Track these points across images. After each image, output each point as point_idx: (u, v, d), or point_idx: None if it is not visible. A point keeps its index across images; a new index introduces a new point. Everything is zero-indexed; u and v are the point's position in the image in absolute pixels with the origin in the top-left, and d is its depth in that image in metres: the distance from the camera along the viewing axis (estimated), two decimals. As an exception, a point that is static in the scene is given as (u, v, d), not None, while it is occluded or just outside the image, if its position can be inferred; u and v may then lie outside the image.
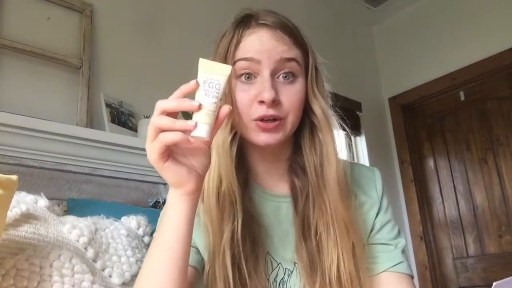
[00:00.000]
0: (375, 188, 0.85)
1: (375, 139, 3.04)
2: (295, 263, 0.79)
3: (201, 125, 0.58)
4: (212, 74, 0.59)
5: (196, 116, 0.58)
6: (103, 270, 0.99)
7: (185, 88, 0.60)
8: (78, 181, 1.55)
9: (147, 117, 1.79)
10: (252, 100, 0.73)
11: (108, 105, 1.75)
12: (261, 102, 0.72)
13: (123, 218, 1.21)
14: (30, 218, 0.94)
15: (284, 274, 0.79)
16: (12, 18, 1.62)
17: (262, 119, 0.73)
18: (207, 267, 0.75)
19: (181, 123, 0.57)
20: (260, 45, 0.74)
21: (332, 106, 0.81)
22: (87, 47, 1.76)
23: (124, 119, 1.78)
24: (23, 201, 0.97)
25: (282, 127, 0.74)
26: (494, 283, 0.44)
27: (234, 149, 0.76)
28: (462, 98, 2.92)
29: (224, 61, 0.76)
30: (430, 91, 3.00)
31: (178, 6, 2.16)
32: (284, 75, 0.75)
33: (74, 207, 1.40)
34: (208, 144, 0.63)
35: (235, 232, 0.72)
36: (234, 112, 0.74)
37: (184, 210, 0.63)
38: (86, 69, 1.73)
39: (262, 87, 0.72)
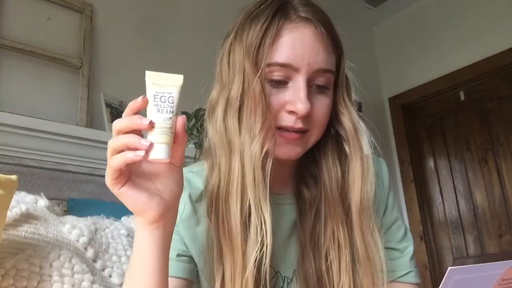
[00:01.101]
0: (382, 184, 0.80)
1: (375, 139, 3.03)
2: (294, 270, 0.73)
3: (157, 146, 0.51)
4: (162, 86, 0.53)
5: (151, 137, 0.51)
6: (103, 270, 0.99)
7: (133, 104, 0.53)
8: (78, 181, 1.55)
9: (147, 117, 1.79)
10: (281, 106, 0.66)
11: (108, 105, 1.75)
12: (292, 112, 0.65)
13: (123, 218, 1.21)
14: (30, 218, 0.94)
15: (283, 283, 0.73)
16: (12, 18, 1.62)
17: (288, 129, 0.66)
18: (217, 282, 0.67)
19: (133, 142, 0.50)
20: (301, 49, 0.65)
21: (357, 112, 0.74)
22: (87, 47, 1.76)
23: (124, 119, 1.79)
24: (23, 201, 0.97)
25: (305, 140, 0.68)
26: (449, 268, 0.45)
27: (268, 172, 0.65)
28: (462, 98, 2.92)
29: (256, 54, 0.65)
30: (430, 91, 3.00)
31: (178, 6, 2.16)
32: (318, 86, 0.67)
33: (74, 207, 1.40)
34: (178, 163, 0.55)
35: (260, 258, 0.63)
36: (271, 119, 0.65)
37: (151, 242, 0.56)
38: (86, 69, 1.73)
39: (296, 96, 0.65)
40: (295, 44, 0.65)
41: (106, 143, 1.83)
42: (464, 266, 0.47)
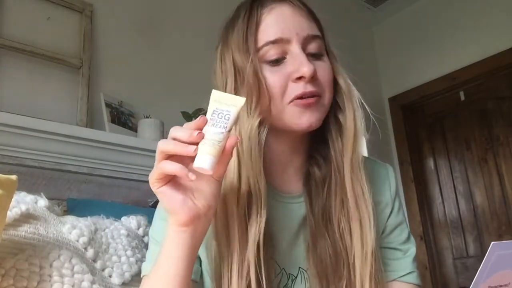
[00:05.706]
0: (389, 187, 0.82)
1: (375, 139, 3.03)
2: (299, 267, 0.74)
3: (203, 155, 0.54)
4: (222, 105, 0.57)
5: (200, 146, 0.54)
6: (103, 270, 0.99)
7: (198, 120, 0.56)
8: (78, 181, 1.55)
9: (147, 117, 1.79)
10: (287, 79, 0.68)
11: (108, 105, 1.75)
12: (299, 79, 0.67)
13: (123, 218, 1.21)
14: (30, 218, 0.94)
15: (288, 279, 0.74)
16: (12, 18, 1.62)
17: (301, 97, 0.67)
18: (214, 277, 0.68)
19: (180, 147, 0.53)
20: (284, 22, 0.69)
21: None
22: (87, 47, 1.76)
23: (124, 119, 1.78)
24: (23, 201, 0.97)
25: (321, 105, 0.70)
26: (492, 243, 0.44)
27: (263, 141, 0.68)
28: (462, 98, 2.92)
29: (245, 45, 0.69)
30: (430, 91, 2.99)
31: (178, 6, 2.16)
32: (312, 54, 0.70)
33: (74, 207, 1.40)
34: (217, 177, 0.58)
35: (260, 241, 0.65)
36: (265, 97, 0.67)
37: (177, 244, 0.59)
38: (86, 69, 1.73)
39: (298, 63, 0.67)
40: (279, 21, 0.69)
41: (106, 143, 1.82)
42: (507, 241, 0.47)
